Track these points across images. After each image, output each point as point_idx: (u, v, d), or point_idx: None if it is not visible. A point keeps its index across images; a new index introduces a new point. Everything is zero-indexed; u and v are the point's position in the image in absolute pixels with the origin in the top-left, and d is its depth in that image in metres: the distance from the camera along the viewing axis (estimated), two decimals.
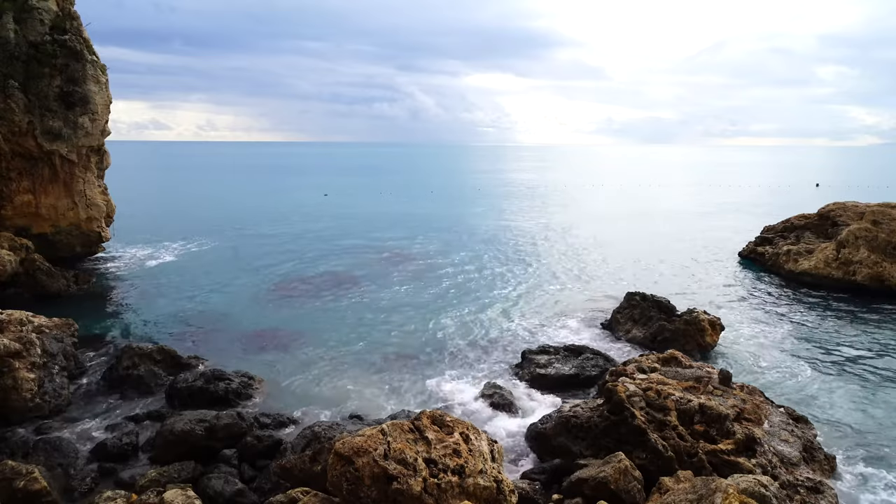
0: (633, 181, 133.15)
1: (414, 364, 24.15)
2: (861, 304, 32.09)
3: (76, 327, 24.23)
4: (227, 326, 28.49)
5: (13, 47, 34.01)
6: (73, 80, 35.72)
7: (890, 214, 35.83)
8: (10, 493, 13.77)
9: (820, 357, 24.85)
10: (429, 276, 38.78)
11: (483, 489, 12.07)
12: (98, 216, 39.13)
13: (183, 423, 16.87)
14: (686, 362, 19.66)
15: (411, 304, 32.45)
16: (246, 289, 35.50)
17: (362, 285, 36.33)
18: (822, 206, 42.63)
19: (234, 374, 21.36)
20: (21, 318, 20.90)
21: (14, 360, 18.83)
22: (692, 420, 15.55)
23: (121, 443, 17.06)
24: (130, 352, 22.26)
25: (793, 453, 15.35)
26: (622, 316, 28.33)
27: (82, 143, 36.77)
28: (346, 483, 11.79)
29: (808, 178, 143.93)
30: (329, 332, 27.69)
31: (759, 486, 12.08)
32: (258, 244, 49.72)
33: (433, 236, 54.37)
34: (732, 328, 27.82)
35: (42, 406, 18.76)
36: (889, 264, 34.10)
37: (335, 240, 52.28)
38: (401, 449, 12.08)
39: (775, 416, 16.96)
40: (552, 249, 48.51)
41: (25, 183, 35.95)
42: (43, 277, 32.71)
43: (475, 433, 13.30)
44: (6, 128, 33.95)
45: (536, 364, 22.51)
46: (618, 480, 13.62)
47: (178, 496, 13.17)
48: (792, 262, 38.13)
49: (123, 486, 15.18)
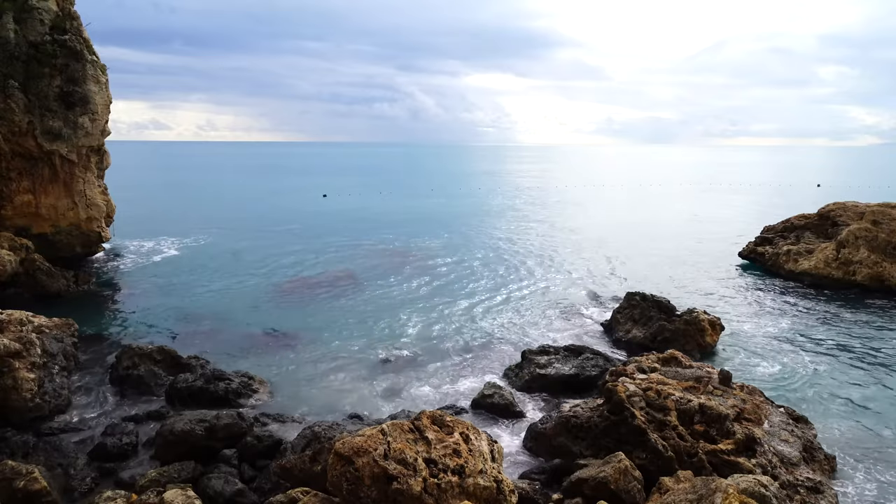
0: (634, 181, 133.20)
1: (414, 364, 24.16)
2: (861, 304, 32.09)
3: (76, 327, 24.22)
4: (227, 326, 28.50)
5: (13, 47, 34.01)
6: (73, 80, 35.73)
7: (890, 214, 35.85)
8: (10, 493, 13.76)
9: (820, 357, 24.85)
10: (429, 276, 38.80)
11: (483, 489, 12.07)
12: (98, 216, 39.14)
13: (183, 423, 16.87)
14: (686, 362, 19.66)
15: (411, 303, 32.47)
16: (245, 289, 35.52)
17: (362, 285, 36.34)
18: (822, 206, 42.63)
19: (234, 374, 21.37)
20: (21, 318, 20.89)
21: (14, 360, 18.82)
22: (692, 420, 15.55)
23: (121, 443, 17.08)
24: (130, 352, 22.27)
25: (793, 453, 15.35)
26: (622, 316, 28.34)
27: (82, 143, 36.78)
28: (346, 483, 11.79)
29: (809, 178, 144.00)
30: (329, 332, 27.71)
31: (759, 486, 12.09)
32: (258, 245, 49.72)
33: (433, 236, 54.40)
34: (732, 328, 27.84)
35: (42, 406, 18.75)
36: (889, 264, 34.12)
37: (334, 240, 52.28)
38: (401, 449, 12.08)
39: (775, 416, 16.96)
40: (552, 249, 48.52)
41: (25, 183, 35.95)
42: (43, 277, 32.72)
43: (475, 433, 13.30)
44: (6, 128, 33.95)
45: (536, 364, 22.51)
46: (618, 480, 13.62)
47: (178, 496, 13.17)
48: (792, 262, 38.14)
49: (123, 486, 15.19)
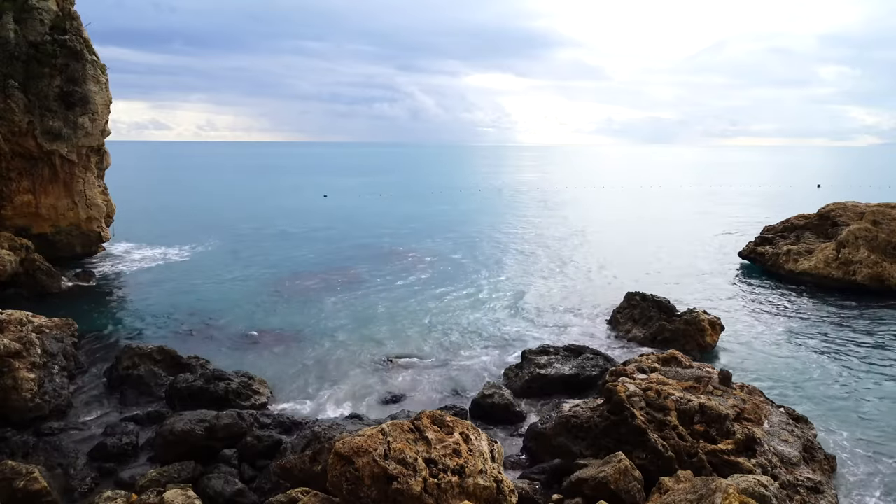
0: (634, 181, 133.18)
1: (414, 364, 24.17)
2: (861, 304, 32.07)
3: (76, 327, 24.24)
4: (227, 326, 28.50)
5: (13, 47, 34.01)
6: (73, 80, 35.72)
7: (890, 214, 35.86)
8: (10, 493, 13.76)
9: (820, 357, 24.84)
10: (429, 276, 38.80)
11: (483, 489, 12.07)
12: (98, 216, 39.14)
13: (183, 423, 16.86)
14: (686, 362, 19.65)
15: (411, 303, 32.47)
16: (246, 289, 35.52)
17: (362, 285, 36.34)
18: (822, 206, 42.62)
19: (234, 374, 21.34)
20: (21, 318, 20.90)
21: (14, 360, 18.82)
22: (692, 420, 15.55)
23: (121, 443, 17.07)
24: (130, 352, 22.26)
25: (793, 453, 15.34)
26: (622, 316, 28.34)
27: (82, 143, 36.77)
28: (346, 483, 11.78)
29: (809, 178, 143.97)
30: (329, 332, 27.71)
31: (759, 486, 12.09)
32: (258, 244, 49.74)
33: (433, 237, 54.40)
34: (732, 328, 27.82)
35: (42, 406, 18.75)
36: (889, 264, 34.11)
37: (334, 240, 52.30)
38: (401, 449, 12.08)
39: (775, 416, 16.96)
40: (552, 249, 48.53)
41: (25, 183, 35.96)
42: (43, 277, 32.72)
43: (475, 433, 13.30)
44: (6, 128, 33.95)
45: (536, 364, 22.50)
46: (618, 480, 13.61)
47: (178, 496, 13.18)
48: (792, 262, 38.12)
49: (123, 486, 15.18)
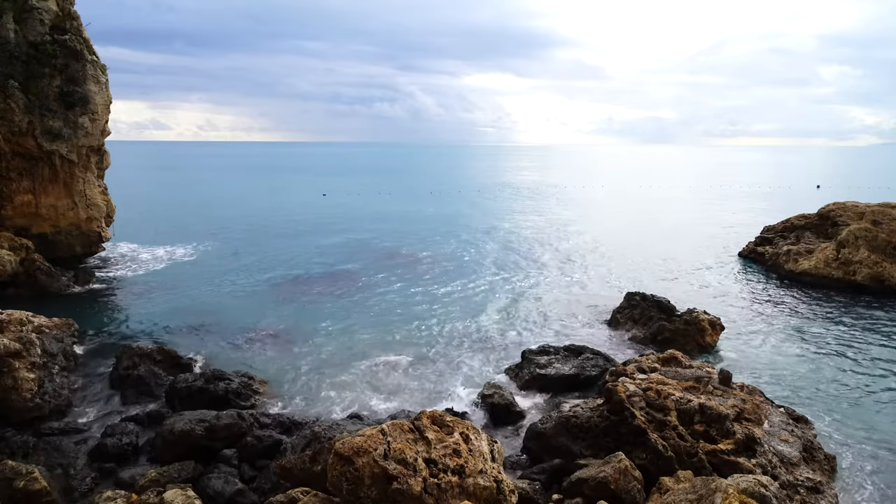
0: (634, 181, 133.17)
1: (414, 364, 24.16)
2: (861, 304, 32.08)
3: (76, 327, 24.25)
4: (227, 326, 28.48)
5: (13, 47, 34.00)
6: (73, 80, 35.70)
7: (890, 214, 35.87)
8: (10, 493, 13.77)
9: (820, 357, 24.84)
10: (428, 277, 38.79)
11: (483, 489, 12.07)
12: (98, 216, 39.12)
13: (183, 423, 16.87)
14: (686, 362, 19.66)
15: (411, 304, 32.46)
16: (245, 289, 35.52)
17: (362, 285, 36.34)
18: (822, 206, 42.65)
19: (234, 374, 21.36)
20: (21, 318, 20.91)
21: (14, 360, 18.83)
22: (692, 420, 15.55)
23: (121, 443, 17.08)
24: (130, 352, 22.27)
25: (793, 453, 15.34)
26: (622, 316, 28.35)
27: (82, 143, 36.76)
28: (346, 483, 11.78)
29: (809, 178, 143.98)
30: (329, 332, 27.71)
31: (759, 486, 12.08)
32: (258, 244, 49.73)
33: (433, 237, 54.39)
34: (732, 328, 27.82)
35: (42, 406, 18.75)
36: (889, 264, 34.11)
37: (334, 240, 52.29)
38: (401, 449, 12.07)
39: (775, 416, 16.96)
40: (553, 250, 48.53)
41: (25, 183, 35.94)
42: (43, 277, 32.72)
43: (475, 433, 13.29)
44: (6, 128, 33.94)
45: (536, 364, 22.51)
46: (618, 480, 13.61)
47: (178, 496, 13.18)
48: (792, 262, 38.13)
49: (123, 486, 15.19)
